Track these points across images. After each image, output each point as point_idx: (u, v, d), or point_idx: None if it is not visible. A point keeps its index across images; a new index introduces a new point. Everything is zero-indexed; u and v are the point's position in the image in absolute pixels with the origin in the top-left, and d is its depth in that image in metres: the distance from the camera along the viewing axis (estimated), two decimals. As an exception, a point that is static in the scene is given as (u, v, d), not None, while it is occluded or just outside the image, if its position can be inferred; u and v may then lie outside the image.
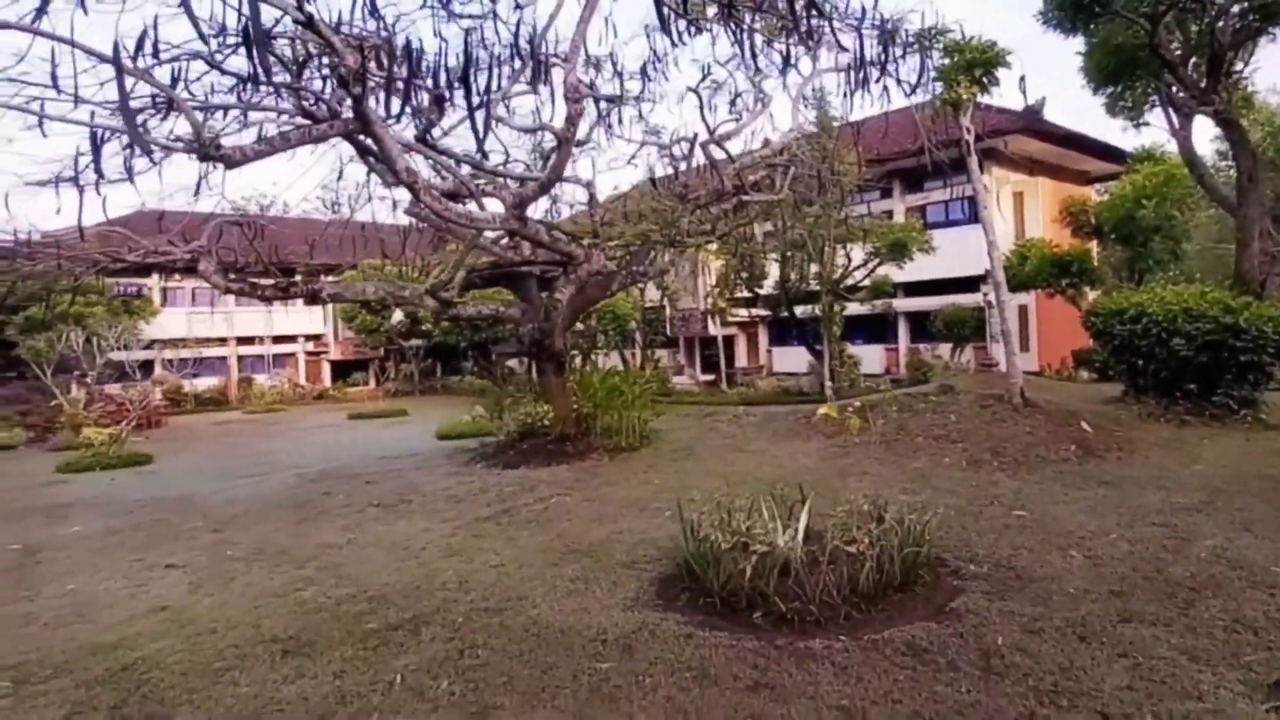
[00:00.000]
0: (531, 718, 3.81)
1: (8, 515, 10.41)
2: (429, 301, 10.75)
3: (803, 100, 14.64)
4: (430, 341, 34.97)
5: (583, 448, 11.17)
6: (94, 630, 5.42)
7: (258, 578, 6.49)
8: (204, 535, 8.25)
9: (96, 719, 4.04)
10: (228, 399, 32.86)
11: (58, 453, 18.48)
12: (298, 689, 4.27)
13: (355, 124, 7.20)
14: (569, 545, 6.83)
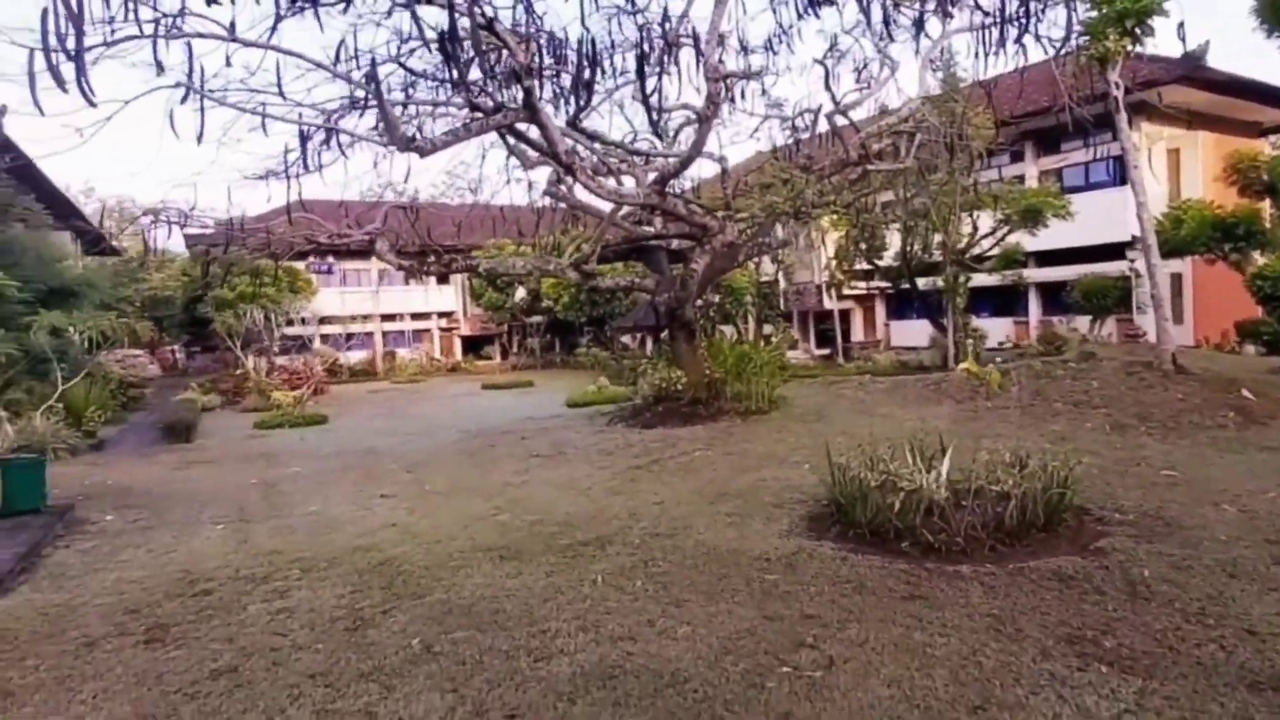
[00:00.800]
0: (717, 608, 4.63)
1: (236, 459, 12.37)
2: (571, 274, 11.77)
3: (930, 64, 14.39)
4: (550, 317, 36.72)
5: (714, 411, 11.92)
6: (345, 538, 6.73)
7: (458, 506, 7.70)
8: (400, 475, 9.65)
9: (374, 593, 5.21)
10: (375, 370, 35.84)
11: (248, 413, 21.14)
12: (519, 582, 5.29)
13: (524, 114, 8.17)
14: (719, 489, 7.64)
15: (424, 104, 9.61)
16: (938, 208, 17.60)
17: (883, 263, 22.01)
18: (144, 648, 4.51)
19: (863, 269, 23.74)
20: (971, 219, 18.88)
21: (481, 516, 7.18)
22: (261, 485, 9.68)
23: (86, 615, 5.10)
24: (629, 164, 11.86)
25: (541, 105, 8.34)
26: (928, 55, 13.31)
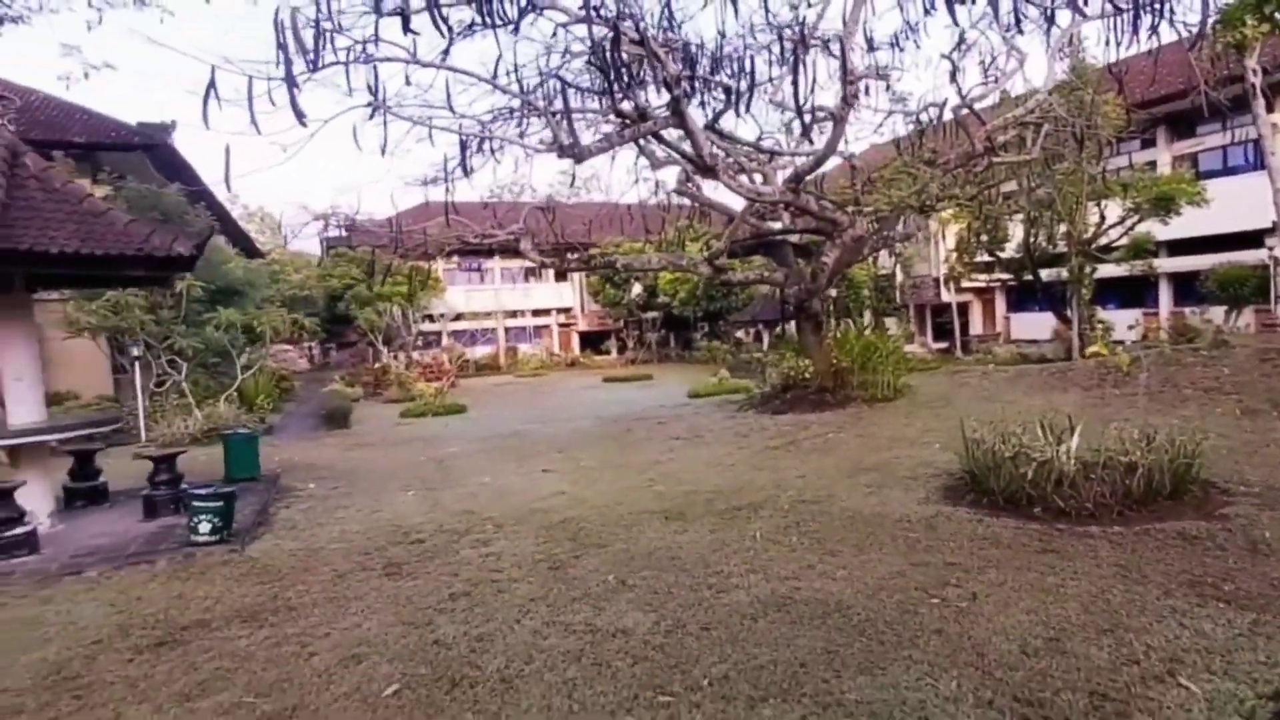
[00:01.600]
0: (868, 557, 5.22)
1: (395, 442, 13.88)
2: (704, 269, 12.48)
3: (1059, 52, 14.08)
4: (665, 312, 37.65)
5: (841, 398, 12.35)
6: (522, 501, 7.73)
7: (615, 478, 8.59)
8: (552, 454, 10.69)
9: (563, 544, 6.11)
10: (498, 365, 37.95)
11: (391, 404, 23.13)
12: (687, 537, 6.06)
13: (673, 120, 8.94)
14: (855, 465, 8.16)
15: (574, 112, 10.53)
16: (1063, 197, 17.17)
17: (1004, 254, 21.53)
18: (386, 578, 5.58)
19: (983, 261, 23.25)
20: (1099, 208, 18.26)
21: (638, 487, 8.03)
22: (431, 462, 10.96)
23: (328, 556, 6.27)
24: (758, 162, 12.43)
25: (689, 112, 9.07)
26: (1057, 45, 13.06)
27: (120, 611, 5.04)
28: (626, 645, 4.08)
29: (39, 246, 5.94)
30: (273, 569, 5.88)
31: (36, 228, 6.06)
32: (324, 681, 3.87)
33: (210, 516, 6.25)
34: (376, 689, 3.75)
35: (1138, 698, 3.23)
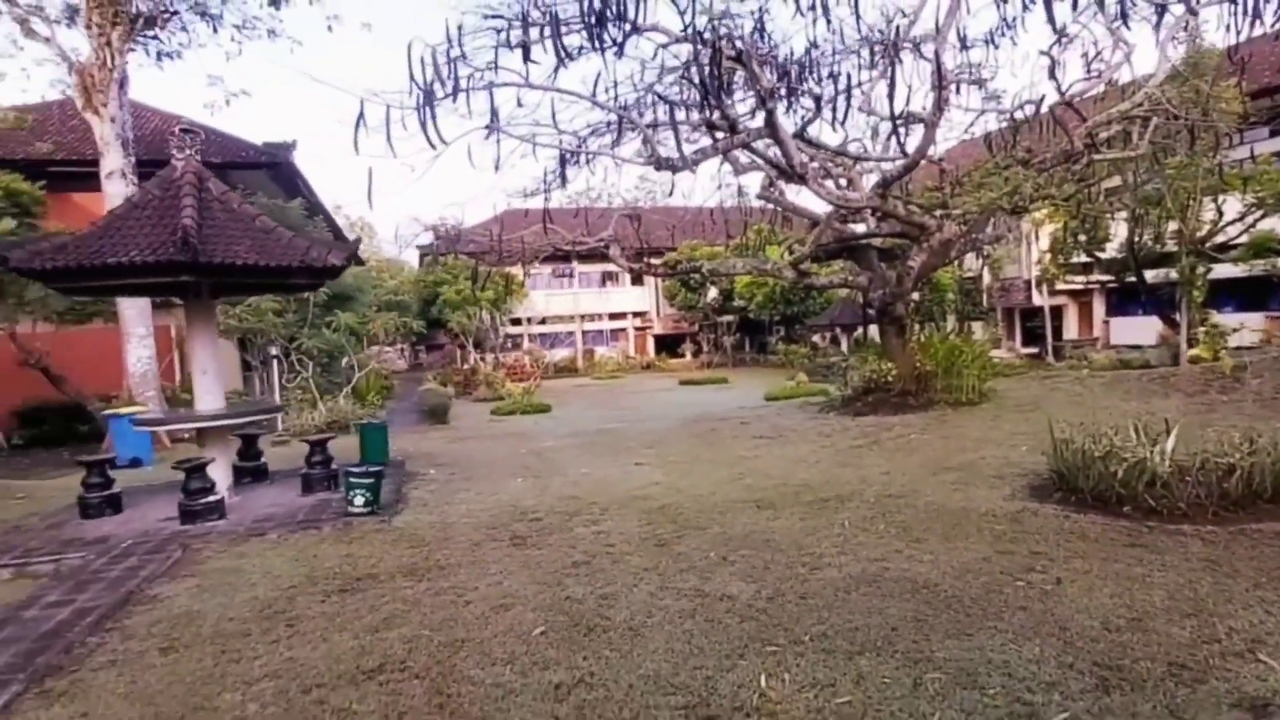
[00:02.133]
0: (954, 545, 5.62)
1: (493, 437, 14.84)
2: (788, 274, 12.90)
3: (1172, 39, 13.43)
4: (741, 316, 37.94)
5: (925, 401, 12.53)
6: (621, 490, 8.39)
7: (705, 472, 9.16)
8: (642, 450, 11.34)
9: (665, 526, 6.73)
10: (576, 367, 39.07)
11: (480, 402, 24.36)
12: (779, 524, 6.57)
13: (766, 131, 9.45)
14: (940, 464, 8.47)
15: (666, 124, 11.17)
16: (1174, 193, 16.40)
17: (1105, 255, 20.84)
18: (514, 548, 6.32)
19: (1080, 262, 22.58)
20: (1215, 204, 17.41)
21: (728, 480, 8.58)
22: (531, 454, 11.78)
23: (461, 528, 7.08)
24: (843, 167, 12.75)
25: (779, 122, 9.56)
26: (1170, 33, 12.48)
27: (304, 565, 5.96)
28: (733, 607, 4.66)
29: (227, 260, 6.99)
30: (418, 537, 6.73)
31: (223, 244, 7.12)
32: (482, 622, 4.60)
33: (363, 491, 7.18)
34: (526, 629, 4.45)
35: (1215, 670, 3.57)
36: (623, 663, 3.98)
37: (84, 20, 12.78)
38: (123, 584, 5.65)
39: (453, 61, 7.85)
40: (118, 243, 6.89)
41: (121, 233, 7.02)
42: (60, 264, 6.74)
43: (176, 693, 3.94)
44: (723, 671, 3.82)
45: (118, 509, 7.72)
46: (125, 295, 11.76)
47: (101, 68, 12.67)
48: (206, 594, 5.46)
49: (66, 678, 4.21)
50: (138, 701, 3.87)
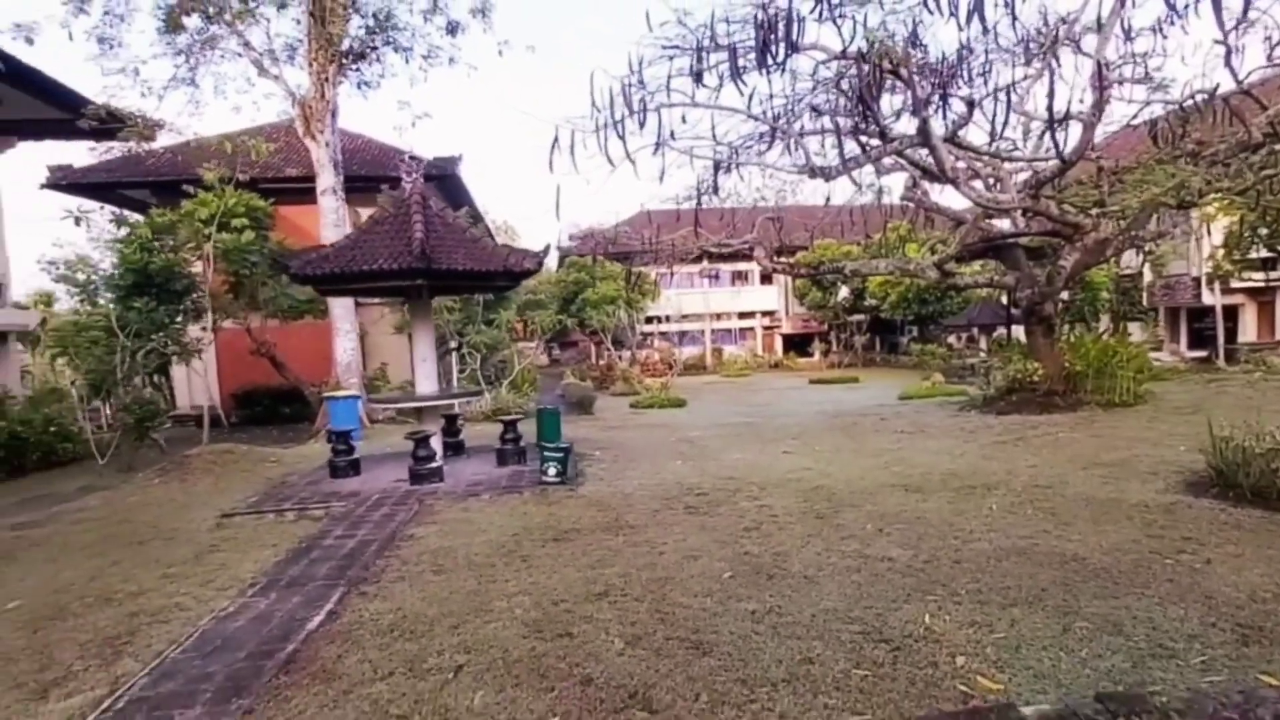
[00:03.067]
0: (1103, 529, 6.05)
1: (641, 426, 16.00)
2: (932, 274, 13.18)
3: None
4: (872, 315, 37.50)
5: (1073, 401, 12.48)
6: (775, 473, 9.20)
7: (850, 460, 9.80)
8: (787, 440, 12.07)
9: (821, 503, 7.49)
10: (704, 365, 40.02)
11: (618, 396, 25.77)
12: (928, 505, 7.17)
13: (918, 139, 9.94)
14: (1089, 459, 8.70)
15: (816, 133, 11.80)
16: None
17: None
18: (689, 514, 7.30)
19: (1260, 257, 21.00)
20: None
21: (875, 468, 9.20)
22: (682, 442, 12.78)
23: (638, 498, 8.14)
24: (992, 166, 12.88)
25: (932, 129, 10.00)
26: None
27: (518, 519, 7.23)
28: (893, 566, 5.40)
29: (449, 266, 8.45)
30: (604, 503, 7.87)
31: (445, 253, 8.58)
32: (678, 567, 5.60)
33: (556, 463, 8.43)
34: (716, 574, 5.40)
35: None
36: (803, 599, 4.84)
37: (305, 60, 15.04)
38: (386, 525, 7.13)
39: (629, 89, 8.93)
40: (366, 253, 8.51)
41: (368, 245, 8.64)
42: (325, 271, 8.43)
43: (457, 598, 5.19)
44: (890, 610, 4.59)
45: (358, 471, 9.43)
46: (366, 295, 13.88)
47: (319, 100, 14.88)
48: (450, 536, 6.81)
49: (373, 585, 5.58)
50: (432, 603, 5.14)
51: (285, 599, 5.46)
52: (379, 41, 16.05)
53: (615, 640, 4.36)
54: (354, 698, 3.86)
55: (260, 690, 4.03)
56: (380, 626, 4.79)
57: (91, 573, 6.57)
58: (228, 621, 5.10)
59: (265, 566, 6.32)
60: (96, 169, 21.73)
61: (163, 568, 6.55)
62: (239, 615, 5.21)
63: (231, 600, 5.53)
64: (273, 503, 8.31)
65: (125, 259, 14.13)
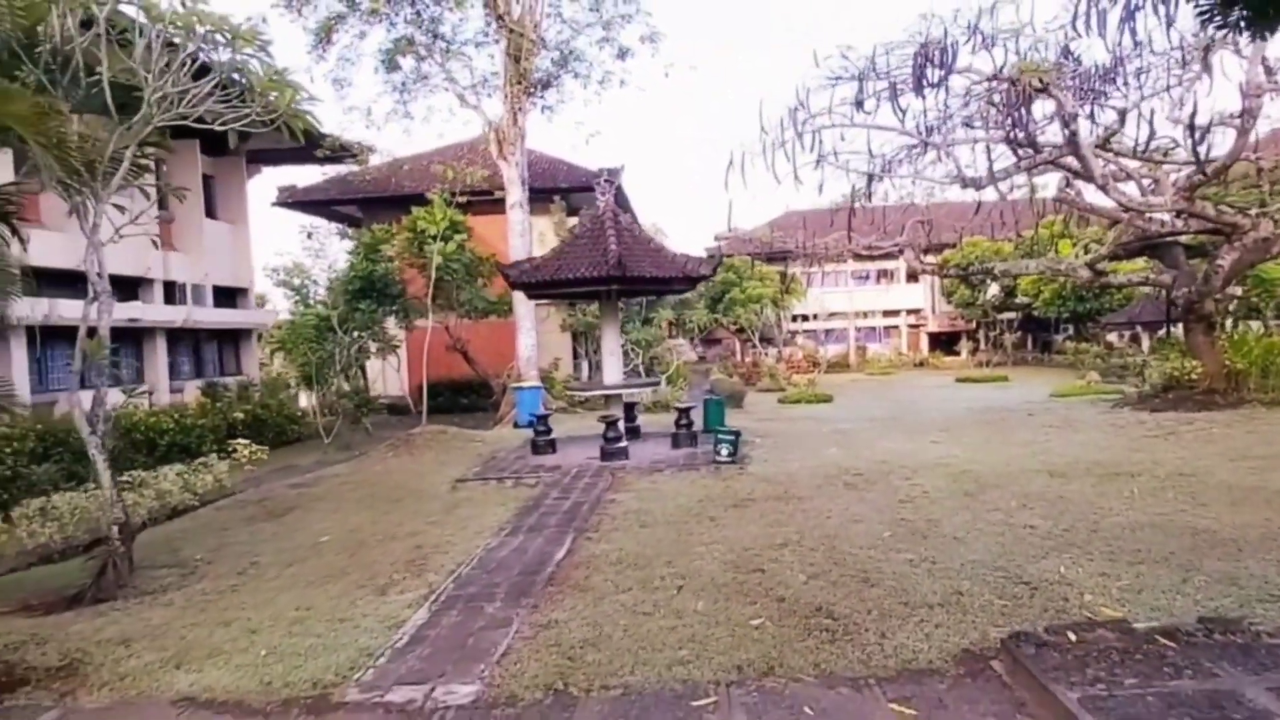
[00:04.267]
0: (1238, 510, 6.62)
1: (791, 419, 17.05)
2: (1084, 273, 13.37)
3: None
4: (1024, 313, 36.14)
5: (1234, 400, 12.32)
6: (923, 459, 10.08)
7: (996, 449, 10.49)
8: (934, 432, 12.79)
9: (968, 483, 8.36)
10: (848, 364, 40.04)
11: (764, 392, 26.77)
12: (1070, 489, 7.89)
13: (1068, 149, 10.44)
14: (1240, 453, 8.97)
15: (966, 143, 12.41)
16: None
17: None
18: (847, 490, 8.42)
19: None
20: None
21: (1020, 456, 9.88)
22: (833, 432, 13.78)
23: (800, 476, 9.32)
24: (1148, 167, 12.94)
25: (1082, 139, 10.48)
26: None
27: (699, 490, 8.68)
28: (1034, 532, 6.33)
29: (639, 273, 10.06)
30: (772, 479, 9.16)
31: (634, 262, 10.20)
32: (843, 527, 6.80)
33: (728, 444, 9.82)
34: (876, 533, 6.56)
35: None
36: (953, 553, 5.91)
37: (501, 91, 17.35)
38: (590, 491, 8.79)
39: (795, 114, 10.14)
40: (568, 263, 10.28)
41: (570, 256, 10.42)
42: (536, 279, 10.30)
43: (664, 544, 6.65)
44: (1029, 563, 5.58)
45: (555, 450, 11.26)
46: (565, 299, 16.00)
47: (511, 126, 17.13)
48: (645, 500, 8.34)
49: (594, 534, 7.18)
50: (645, 546, 6.63)
51: (531, 540, 7.16)
52: (562, 72, 18.16)
53: (799, 575, 5.64)
54: (607, 602, 5.37)
55: (536, 594, 5.64)
56: (609, 560, 6.33)
57: (371, 519, 8.62)
58: (494, 553, 6.84)
59: (505, 518, 8.11)
60: (316, 188, 25.59)
61: (423, 517, 8.50)
62: (500, 549, 6.94)
63: (489, 539, 7.30)
64: (493, 472, 10.25)
65: (354, 267, 16.95)
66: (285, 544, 7.65)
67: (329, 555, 7.17)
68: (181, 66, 6.53)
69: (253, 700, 4.06)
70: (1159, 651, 3.79)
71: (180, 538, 8.27)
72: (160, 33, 6.34)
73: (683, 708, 3.75)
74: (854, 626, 4.58)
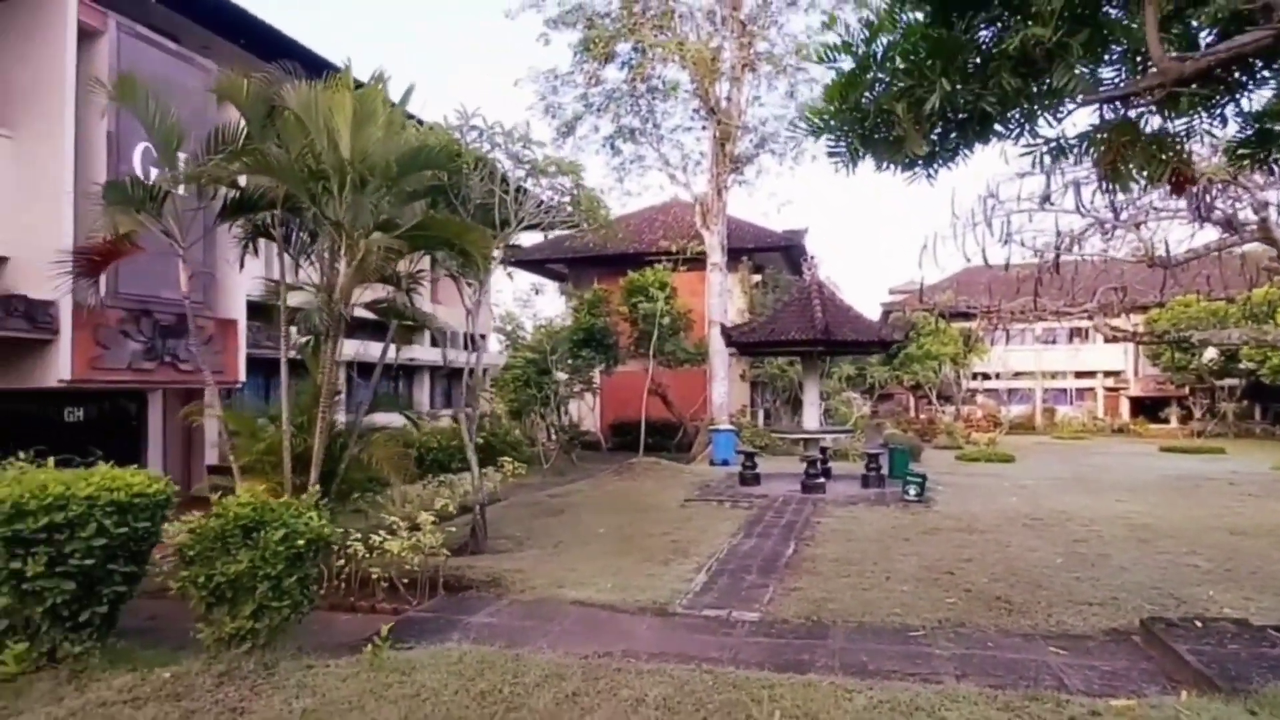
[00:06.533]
0: None
1: (969, 474, 17.92)
2: (1291, 345, 13.47)
3: None
4: (1250, 381, 33.36)
5: None
6: (1103, 512, 11.06)
7: (1183, 510, 11.24)
8: (1120, 492, 13.46)
9: (1143, 532, 9.41)
10: (1033, 425, 38.68)
11: (940, 449, 27.14)
12: (1247, 544, 8.77)
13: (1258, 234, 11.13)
14: None
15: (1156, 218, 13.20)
16: None
17: None
18: (1026, 530, 9.78)
19: None
20: None
21: (1205, 516, 10.63)
22: (1013, 487, 14.74)
23: (981, 517, 10.71)
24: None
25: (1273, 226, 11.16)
26: None
27: (890, 521, 10.44)
28: (1196, 570, 7.55)
29: (841, 338, 12.10)
30: (954, 516, 10.69)
31: (837, 327, 12.25)
32: (1020, 554, 8.32)
33: (916, 485, 11.45)
34: (1049, 559, 8.04)
35: None
36: (1118, 576, 7.32)
37: (707, 170, 20.25)
38: (799, 514, 10.79)
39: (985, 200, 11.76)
40: (780, 327, 12.52)
41: (780, 321, 12.67)
42: (753, 340, 12.63)
43: (869, 553, 8.51)
44: (1184, 589, 6.89)
45: (759, 483, 13.36)
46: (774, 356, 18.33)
47: (715, 199, 19.90)
48: (846, 524, 10.20)
49: (810, 542, 9.17)
50: (854, 552, 8.53)
51: (762, 542, 9.27)
52: (761, 151, 20.80)
53: (981, 577, 7.33)
54: (833, 581, 7.35)
55: (780, 572, 7.73)
56: (828, 558, 8.30)
57: (627, 521, 11.09)
58: (736, 548, 9.02)
59: (734, 528, 10.28)
60: (534, 249, 29.89)
61: (667, 523, 10.85)
62: (740, 546, 9.11)
63: (729, 539, 9.49)
64: (712, 495, 12.52)
65: (578, 320, 20.23)
66: (573, 532, 10.30)
67: (610, 541, 9.69)
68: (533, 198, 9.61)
69: (619, 606, 6.50)
70: (1267, 638, 5.21)
71: (494, 523, 11.23)
72: (527, 175, 9.45)
73: (901, 636, 5.69)
74: (1026, 608, 6.28)
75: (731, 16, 19.33)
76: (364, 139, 6.71)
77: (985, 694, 4.32)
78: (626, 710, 4.31)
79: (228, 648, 5.20)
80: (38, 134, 8.80)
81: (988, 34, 4.67)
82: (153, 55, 9.57)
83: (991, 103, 4.56)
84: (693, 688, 4.50)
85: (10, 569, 4.99)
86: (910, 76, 4.64)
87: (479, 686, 4.61)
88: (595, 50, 18.66)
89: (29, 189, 8.71)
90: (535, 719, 4.29)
